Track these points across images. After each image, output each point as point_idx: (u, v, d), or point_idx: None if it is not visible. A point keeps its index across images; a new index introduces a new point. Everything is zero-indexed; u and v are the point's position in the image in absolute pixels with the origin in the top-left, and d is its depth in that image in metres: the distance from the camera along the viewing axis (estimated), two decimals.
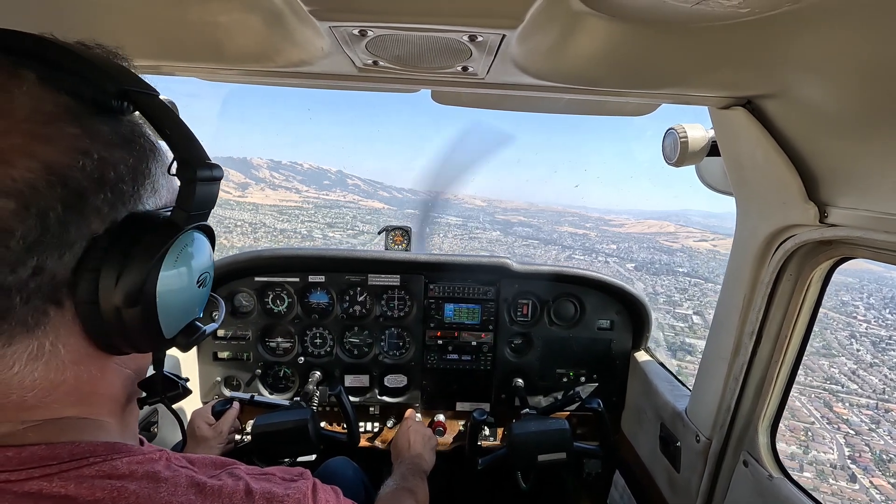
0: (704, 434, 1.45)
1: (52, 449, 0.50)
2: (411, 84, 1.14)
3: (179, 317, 0.57)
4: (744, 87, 1.00)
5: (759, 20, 0.69)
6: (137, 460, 0.55)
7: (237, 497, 0.57)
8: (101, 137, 0.49)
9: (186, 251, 0.56)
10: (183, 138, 0.55)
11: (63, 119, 0.47)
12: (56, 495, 0.48)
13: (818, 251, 1.16)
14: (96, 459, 0.52)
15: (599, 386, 2.14)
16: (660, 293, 11.65)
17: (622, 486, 2.00)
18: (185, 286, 0.56)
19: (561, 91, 1.10)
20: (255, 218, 21.23)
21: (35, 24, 0.89)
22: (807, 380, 7.76)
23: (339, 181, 36.84)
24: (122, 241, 0.50)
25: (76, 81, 0.49)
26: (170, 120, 0.54)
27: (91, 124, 0.49)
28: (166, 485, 0.54)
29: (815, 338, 1.69)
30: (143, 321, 0.52)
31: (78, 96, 0.49)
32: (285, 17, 0.78)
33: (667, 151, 1.39)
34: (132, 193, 0.53)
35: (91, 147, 0.48)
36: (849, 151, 0.94)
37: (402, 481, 1.39)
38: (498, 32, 0.80)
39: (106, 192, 0.49)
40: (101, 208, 0.49)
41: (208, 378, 2.07)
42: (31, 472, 0.48)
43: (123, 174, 0.51)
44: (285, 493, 0.61)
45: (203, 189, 0.55)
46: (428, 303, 2.08)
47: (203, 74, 1.13)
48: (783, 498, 1.21)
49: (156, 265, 0.52)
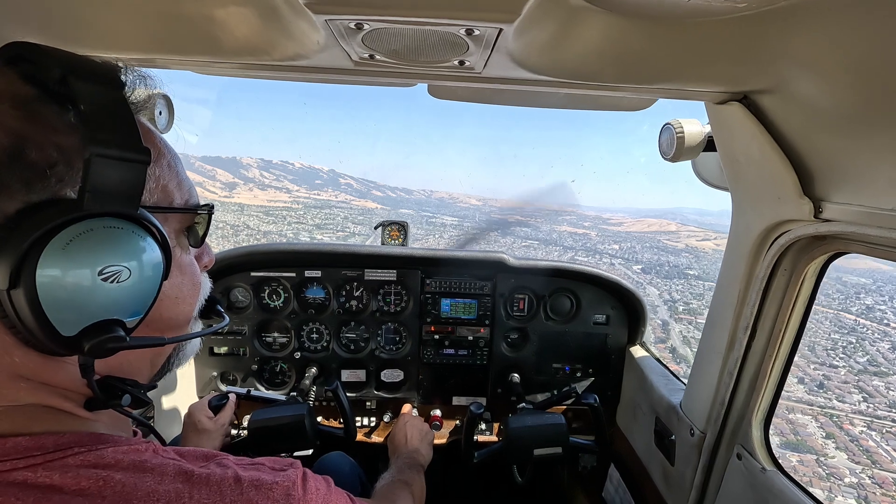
0: (699, 428, 1.47)
1: (37, 440, 0.51)
2: (408, 78, 1.13)
3: (74, 310, 0.51)
4: (740, 83, 1.00)
5: (755, 15, 0.69)
6: (123, 450, 0.55)
7: (226, 485, 0.57)
8: (40, 120, 0.50)
9: (85, 236, 0.50)
10: (102, 118, 0.51)
11: (5, 99, 0.49)
12: (41, 485, 0.49)
13: (812, 246, 1.17)
14: (81, 449, 0.53)
15: (595, 380, 2.15)
16: (677, 300, 11.42)
17: (617, 479, 2.02)
18: (78, 275, 0.50)
19: (558, 85, 1.09)
20: (238, 219, 20.71)
21: (29, 18, 0.88)
22: (869, 409, 7.54)
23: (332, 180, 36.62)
24: (25, 223, 0.47)
25: (34, 70, 0.51)
26: (98, 104, 0.52)
27: (35, 107, 0.50)
28: (153, 474, 0.54)
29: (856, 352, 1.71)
30: (30, 308, 0.48)
31: (37, 83, 0.51)
32: (281, 10, 0.77)
33: (663, 146, 1.40)
34: (63, 178, 0.50)
35: (18, 125, 0.48)
36: (843, 147, 0.94)
37: (398, 474, 1.40)
38: (495, 26, 0.79)
39: (20, 170, 0.48)
40: (12, 185, 0.47)
41: (204, 373, 2.07)
42: (15, 464, 0.49)
43: (54, 158, 0.49)
44: (274, 481, 0.61)
45: (112, 172, 0.51)
46: (424, 298, 2.08)
47: (198, 68, 1.12)
48: (776, 490, 1.22)
49: (37, 243, 0.47)
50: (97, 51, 1.03)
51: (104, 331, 0.53)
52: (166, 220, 0.64)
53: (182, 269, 0.68)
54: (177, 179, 0.66)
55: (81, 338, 0.52)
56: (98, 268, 0.51)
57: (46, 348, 0.52)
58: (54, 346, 0.51)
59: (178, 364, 0.77)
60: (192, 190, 0.69)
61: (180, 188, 0.66)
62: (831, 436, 7.62)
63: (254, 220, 21.01)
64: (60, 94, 0.52)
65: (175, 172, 0.66)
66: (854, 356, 8.97)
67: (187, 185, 0.68)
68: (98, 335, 0.53)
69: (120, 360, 0.62)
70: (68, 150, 0.50)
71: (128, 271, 0.54)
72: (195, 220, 0.70)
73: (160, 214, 0.61)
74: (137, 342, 0.58)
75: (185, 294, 0.69)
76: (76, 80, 0.51)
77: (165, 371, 0.75)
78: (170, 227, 0.65)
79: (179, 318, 0.69)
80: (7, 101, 0.49)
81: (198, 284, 0.73)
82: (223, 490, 0.57)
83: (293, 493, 0.62)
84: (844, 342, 9.25)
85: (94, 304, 0.52)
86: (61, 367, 0.56)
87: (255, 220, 21.01)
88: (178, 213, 0.66)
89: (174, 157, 0.67)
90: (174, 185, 0.65)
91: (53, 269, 0.48)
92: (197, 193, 0.71)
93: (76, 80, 0.51)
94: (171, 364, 0.76)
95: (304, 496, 0.63)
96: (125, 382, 0.62)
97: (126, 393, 0.61)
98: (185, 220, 0.68)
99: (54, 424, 0.55)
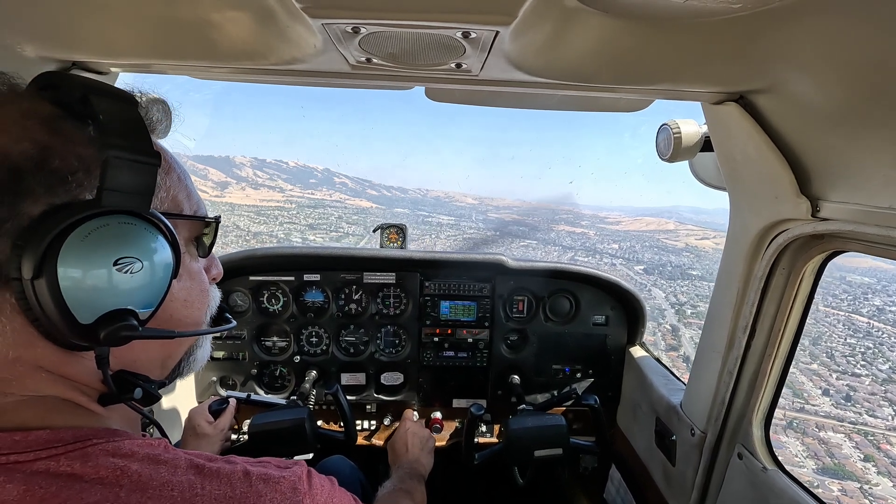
0: (699, 427, 1.47)
1: (57, 433, 0.55)
2: (405, 81, 1.13)
3: (92, 299, 0.55)
4: (736, 83, 1.00)
5: (750, 16, 0.70)
6: (138, 443, 0.58)
7: (235, 477, 0.60)
8: (63, 134, 0.56)
9: (102, 230, 0.55)
10: (117, 126, 0.58)
11: (31, 118, 0.55)
12: (63, 474, 0.52)
13: (810, 245, 1.17)
14: (99, 441, 0.56)
15: (595, 381, 2.15)
16: (684, 303, 11.23)
17: (618, 480, 2.01)
18: (95, 265, 0.55)
19: (554, 87, 1.10)
20: (228, 220, 20.34)
21: (26, 25, 0.88)
22: None
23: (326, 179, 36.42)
24: (48, 222, 0.52)
25: (59, 93, 0.59)
26: (114, 115, 0.58)
27: (59, 124, 0.56)
28: (166, 466, 0.57)
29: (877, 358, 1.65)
30: (51, 296, 0.52)
31: (61, 104, 0.58)
32: (277, 15, 0.77)
33: (660, 147, 1.40)
34: (83, 183, 0.55)
35: (44, 138, 0.54)
36: (840, 146, 0.95)
37: (399, 483, 1.41)
38: (491, 29, 0.79)
39: (45, 177, 0.53)
40: (36, 190, 0.52)
41: (204, 378, 2.06)
42: (38, 454, 0.52)
43: (75, 166, 0.55)
44: (281, 476, 0.64)
45: (126, 173, 0.57)
46: (423, 300, 2.08)
47: (195, 73, 1.12)
48: (777, 490, 1.22)
49: (59, 236, 0.52)
50: (94, 57, 1.03)
51: (119, 319, 0.57)
52: (176, 227, 0.67)
53: (192, 275, 0.72)
54: (186, 192, 0.71)
55: (97, 326, 0.56)
56: (113, 258, 0.56)
57: (65, 339, 0.56)
58: (72, 334, 0.55)
59: (190, 369, 0.81)
60: (200, 203, 0.75)
61: (189, 199, 0.72)
62: (870, 458, 7.25)
63: (244, 220, 20.78)
64: (82, 112, 0.58)
65: (184, 185, 0.72)
66: (875, 363, 8.78)
67: (196, 198, 0.74)
68: (113, 323, 0.57)
69: (131, 358, 0.65)
70: (87, 159, 0.56)
71: (140, 264, 0.58)
72: (203, 231, 0.75)
73: (171, 221, 0.66)
74: (149, 332, 0.63)
75: (194, 299, 0.73)
76: (96, 98, 0.57)
77: (176, 375, 0.79)
78: (180, 235, 0.68)
79: (188, 320, 0.72)
80: (35, 118, 0.55)
81: (206, 292, 0.76)
82: (233, 482, 0.59)
83: (299, 487, 0.64)
84: (862, 347, 9.09)
85: (109, 293, 0.57)
86: (78, 361, 0.60)
87: (245, 220, 20.78)
88: (186, 220, 0.71)
89: (184, 173, 0.73)
90: (183, 196, 0.71)
91: (73, 259, 0.53)
92: (205, 207, 0.77)
93: (96, 98, 0.57)
94: (182, 368, 0.79)
95: (310, 490, 0.66)
96: (137, 377, 0.66)
97: (137, 387, 0.65)
98: (193, 230, 0.73)
99: (71, 419, 0.59)
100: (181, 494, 0.55)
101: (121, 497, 0.52)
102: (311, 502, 0.65)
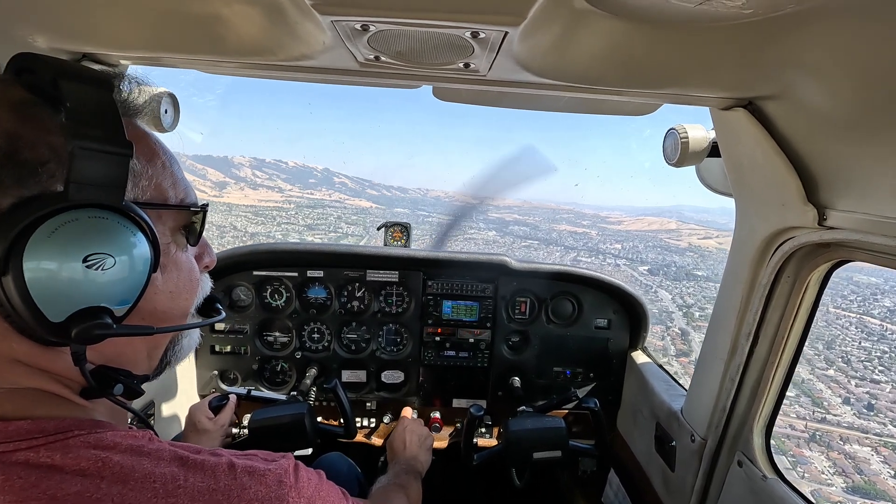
0: (699, 434, 1.46)
1: (38, 423, 0.54)
2: (413, 80, 1.14)
3: (62, 297, 0.53)
4: (745, 88, 1.00)
5: (761, 21, 0.69)
6: (121, 435, 0.57)
7: (220, 470, 0.59)
8: (33, 121, 0.54)
9: (70, 226, 0.53)
10: (85, 114, 0.54)
11: (4, 104, 0.53)
12: (42, 465, 0.51)
13: (816, 253, 1.16)
14: (80, 432, 0.55)
15: (596, 384, 2.15)
16: (691, 305, 11.00)
17: (617, 484, 2.01)
18: (64, 262, 0.53)
19: (562, 89, 1.09)
20: (225, 220, 20.11)
21: (37, 19, 0.89)
22: None
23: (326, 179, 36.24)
24: (16, 215, 0.50)
25: (32, 77, 0.56)
26: (82, 102, 0.55)
27: (30, 110, 0.54)
28: (150, 457, 0.56)
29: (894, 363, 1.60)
30: (19, 294, 0.50)
31: (34, 89, 0.56)
32: (287, 11, 0.78)
33: (667, 152, 1.39)
34: (54, 174, 0.53)
35: (12, 126, 0.52)
36: (848, 154, 0.94)
37: (395, 478, 1.40)
38: (501, 29, 0.79)
39: (14, 167, 0.51)
40: (5, 181, 0.51)
41: (205, 372, 2.07)
42: (18, 445, 0.51)
43: (46, 156, 0.53)
44: (266, 468, 0.63)
45: (94, 164, 0.54)
46: (426, 299, 2.08)
47: (204, 67, 1.13)
48: (777, 498, 1.21)
49: (24, 232, 0.50)
50: (105, 49, 1.04)
51: (91, 317, 0.55)
52: (160, 217, 0.66)
53: (179, 266, 0.70)
54: (172, 179, 0.69)
55: (69, 324, 0.54)
56: (82, 255, 0.54)
57: (38, 335, 0.55)
58: (44, 332, 0.53)
59: (178, 358, 0.79)
60: (188, 190, 0.72)
61: (175, 187, 0.69)
62: None
63: (241, 220, 20.53)
64: (54, 97, 0.55)
65: (170, 172, 0.69)
66: (893, 368, 8.46)
67: (183, 185, 0.71)
68: (85, 321, 0.55)
69: (115, 351, 0.64)
70: (59, 149, 0.53)
71: (112, 260, 0.56)
72: (192, 220, 0.72)
73: (154, 211, 0.64)
74: (125, 330, 0.60)
75: (181, 290, 0.71)
76: (65, 81, 0.54)
77: (164, 365, 0.77)
78: (165, 225, 0.67)
79: (174, 312, 0.70)
80: (5, 105, 0.53)
81: (195, 281, 0.74)
82: (217, 475, 0.58)
83: (285, 480, 0.63)
84: (878, 351, 8.80)
85: (79, 291, 0.54)
86: (58, 355, 0.59)
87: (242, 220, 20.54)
88: (171, 210, 0.68)
89: (170, 158, 0.70)
90: (168, 184, 0.68)
91: (40, 255, 0.51)
92: (194, 194, 0.74)
93: (65, 82, 0.54)
94: (169, 357, 0.77)
95: (296, 483, 0.65)
96: (118, 372, 0.64)
97: (118, 382, 0.63)
98: (180, 219, 0.70)
99: (54, 410, 0.58)
100: (163, 486, 0.54)
101: (101, 488, 0.51)
102: (296, 496, 0.64)
